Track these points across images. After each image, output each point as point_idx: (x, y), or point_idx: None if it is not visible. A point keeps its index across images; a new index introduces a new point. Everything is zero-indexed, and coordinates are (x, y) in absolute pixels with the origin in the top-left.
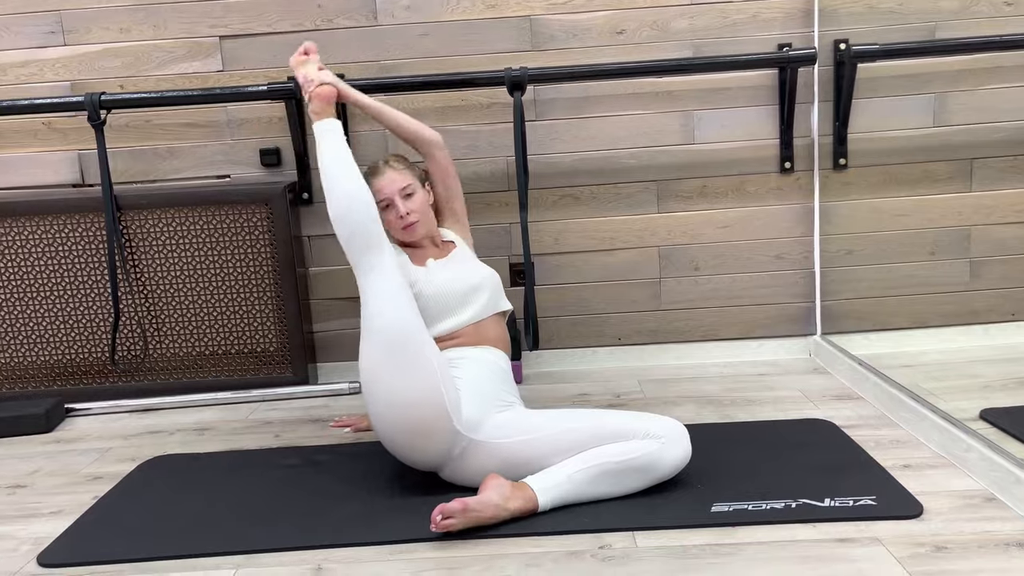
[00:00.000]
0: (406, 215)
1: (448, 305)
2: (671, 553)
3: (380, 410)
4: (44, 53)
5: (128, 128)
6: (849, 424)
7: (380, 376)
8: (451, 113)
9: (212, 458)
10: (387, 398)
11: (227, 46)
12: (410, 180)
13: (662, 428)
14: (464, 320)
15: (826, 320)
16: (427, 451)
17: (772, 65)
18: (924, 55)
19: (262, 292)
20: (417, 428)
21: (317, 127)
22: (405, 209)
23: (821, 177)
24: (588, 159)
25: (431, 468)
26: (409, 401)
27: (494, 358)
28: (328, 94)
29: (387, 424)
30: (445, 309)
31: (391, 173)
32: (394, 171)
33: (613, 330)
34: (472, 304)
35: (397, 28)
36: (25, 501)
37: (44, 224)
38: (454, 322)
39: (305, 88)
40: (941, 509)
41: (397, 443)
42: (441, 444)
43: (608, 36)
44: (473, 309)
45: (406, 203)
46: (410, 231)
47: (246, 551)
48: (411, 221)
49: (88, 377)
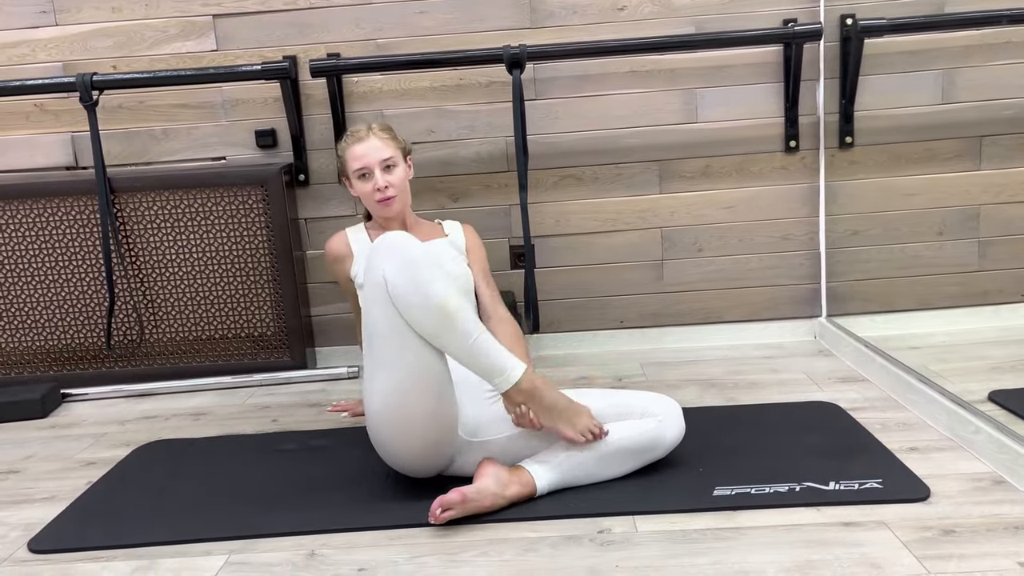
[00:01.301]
0: (384, 188)
1: None
2: (671, 537)
3: (394, 434)
4: (36, 33)
5: (121, 109)
6: (855, 407)
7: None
8: (449, 92)
9: (208, 443)
10: (401, 426)
11: (221, 25)
12: (393, 152)
13: (658, 406)
14: None
15: (832, 302)
16: (431, 464)
17: (777, 41)
18: (932, 30)
19: (259, 275)
20: (430, 449)
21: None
22: (384, 182)
23: (827, 156)
24: (589, 139)
25: (430, 476)
26: (428, 429)
27: None
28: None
29: (400, 446)
30: None
31: (375, 140)
32: (378, 139)
33: (615, 313)
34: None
35: (393, 6)
36: (18, 487)
37: (37, 207)
38: None
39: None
40: (949, 492)
41: (402, 459)
42: (446, 455)
43: (609, 12)
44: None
45: (385, 175)
46: (385, 205)
47: (240, 536)
48: (388, 195)
49: (84, 362)
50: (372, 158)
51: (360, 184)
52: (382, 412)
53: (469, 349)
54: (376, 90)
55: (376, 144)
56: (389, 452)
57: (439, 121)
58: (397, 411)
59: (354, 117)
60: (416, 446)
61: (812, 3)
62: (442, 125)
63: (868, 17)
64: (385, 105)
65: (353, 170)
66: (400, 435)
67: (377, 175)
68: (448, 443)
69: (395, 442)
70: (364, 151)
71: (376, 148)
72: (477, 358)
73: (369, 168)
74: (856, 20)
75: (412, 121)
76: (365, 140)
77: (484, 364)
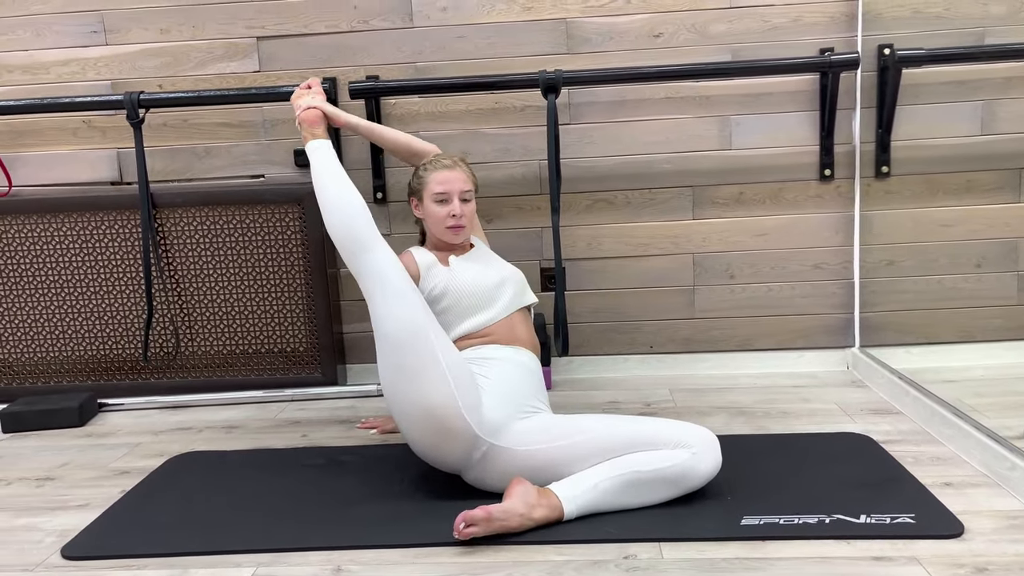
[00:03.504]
0: (460, 216)
1: (477, 301)
2: (698, 566)
3: (399, 412)
4: (86, 52)
5: (166, 127)
6: (887, 439)
7: (394, 379)
8: (485, 116)
9: (239, 456)
10: (403, 400)
11: (264, 47)
12: (472, 187)
13: (693, 437)
14: (493, 316)
15: (865, 332)
16: (447, 452)
17: (814, 69)
18: (972, 61)
19: (293, 292)
20: (436, 429)
21: (307, 148)
22: (461, 210)
23: (862, 185)
24: (622, 163)
25: (453, 471)
26: (423, 403)
27: (524, 359)
28: (313, 117)
29: (408, 425)
30: (474, 305)
31: (460, 172)
32: (463, 172)
33: (645, 338)
34: (499, 299)
35: (433, 30)
36: (54, 493)
37: (82, 221)
38: (484, 318)
39: (296, 115)
40: (983, 529)
41: (420, 444)
42: (460, 446)
43: (645, 39)
44: (501, 304)
45: (463, 206)
46: (455, 232)
47: (268, 549)
48: (461, 224)
49: (121, 373)
50: (455, 186)
51: (435, 207)
52: (385, 379)
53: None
54: (413, 112)
55: (461, 175)
56: (402, 427)
57: (474, 143)
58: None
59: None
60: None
61: (850, 32)
62: (477, 147)
63: (906, 48)
64: (421, 127)
65: (434, 192)
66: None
67: (456, 202)
68: (451, 420)
69: (394, 410)
70: (450, 178)
71: (460, 179)
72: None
73: (450, 195)
74: (894, 50)
75: (448, 143)
76: (453, 169)
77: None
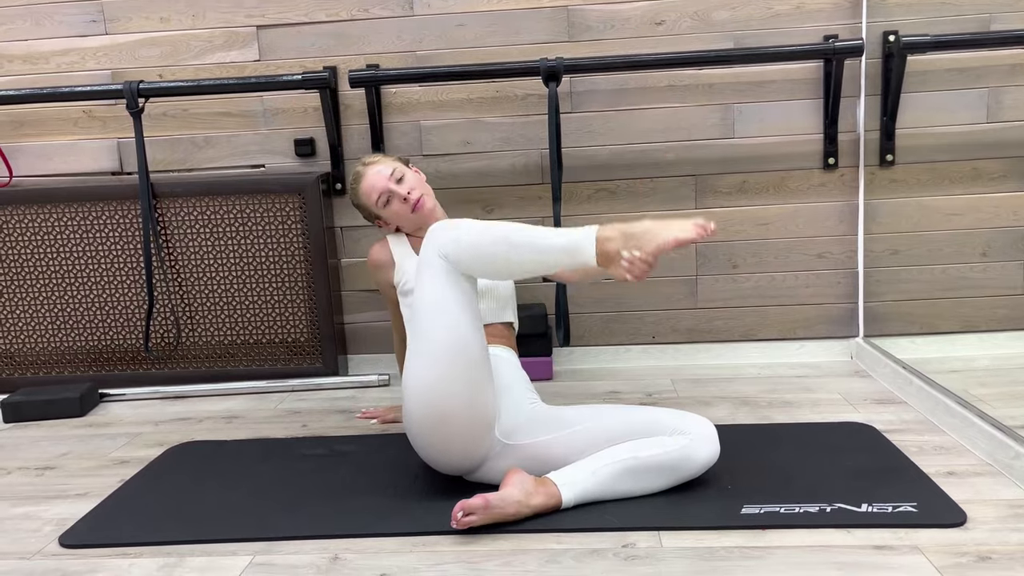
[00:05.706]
0: (409, 194)
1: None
2: (697, 554)
3: (425, 418)
4: (85, 42)
5: (166, 117)
6: (891, 429)
7: (433, 385)
8: (485, 104)
9: (239, 446)
10: (443, 407)
11: (264, 36)
12: (393, 165)
13: (691, 425)
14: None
15: (869, 322)
16: (462, 459)
17: (817, 57)
18: (978, 47)
19: (294, 282)
20: (461, 436)
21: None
22: (405, 190)
23: (867, 174)
24: (624, 152)
25: (459, 474)
26: (473, 416)
27: (508, 356)
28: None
29: (426, 432)
30: None
31: (372, 168)
32: (374, 166)
33: (647, 328)
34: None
35: (433, 18)
36: (53, 482)
37: (82, 211)
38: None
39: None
40: (986, 518)
41: (432, 449)
42: (479, 453)
43: (647, 27)
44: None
45: (401, 185)
46: (420, 208)
47: (265, 538)
48: (416, 197)
49: (122, 363)
50: (381, 182)
51: (388, 210)
52: (419, 390)
53: (541, 247)
54: (413, 101)
55: (375, 169)
56: (419, 435)
57: (475, 132)
58: (433, 390)
59: (391, 128)
60: (449, 434)
61: (854, 19)
62: (478, 136)
63: (911, 34)
64: (422, 116)
65: (374, 202)
66: (433, 416)
67: (395, 189)
68: (481, 437)
69: (428, 424)
70: (372, 181)
71: (377, 172)
72: (553, 245)
73: (385, 190)
74: (899, 37)
75: (448, 132)
76: (365, 174)
77: (561, 244)
